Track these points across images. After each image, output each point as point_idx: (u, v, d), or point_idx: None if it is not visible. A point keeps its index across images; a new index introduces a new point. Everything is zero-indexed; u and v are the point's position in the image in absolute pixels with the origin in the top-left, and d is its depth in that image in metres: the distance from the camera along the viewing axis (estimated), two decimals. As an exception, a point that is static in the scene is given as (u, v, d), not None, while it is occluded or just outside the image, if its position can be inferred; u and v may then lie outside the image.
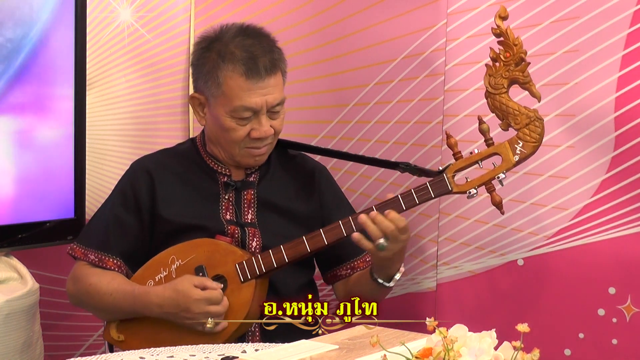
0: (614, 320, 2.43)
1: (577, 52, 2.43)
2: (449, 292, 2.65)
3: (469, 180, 2.21)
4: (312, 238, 2.24)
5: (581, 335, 2.48)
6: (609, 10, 2.38)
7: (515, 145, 2.18)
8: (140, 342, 2.21)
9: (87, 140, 2.72)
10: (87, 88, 2.73)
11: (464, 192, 2.21)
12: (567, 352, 2.50)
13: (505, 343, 1.32)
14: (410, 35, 2.65)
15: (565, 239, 2.49)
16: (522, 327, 1.28)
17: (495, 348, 1.32)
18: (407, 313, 2.65)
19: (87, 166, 2.74)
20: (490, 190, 2.22)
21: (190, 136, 2.94)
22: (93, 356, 1.76)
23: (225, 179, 2.35)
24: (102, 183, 2.85)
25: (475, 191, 2.21)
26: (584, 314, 2.47)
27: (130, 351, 1.87)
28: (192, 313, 2.18)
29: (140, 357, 1.80)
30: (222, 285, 2.22)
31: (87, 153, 2.73)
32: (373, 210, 2.19)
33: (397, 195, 2.21)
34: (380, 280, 2.27)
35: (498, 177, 2.19)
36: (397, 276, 2.28)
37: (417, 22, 2.63)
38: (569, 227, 2.48)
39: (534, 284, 2.54)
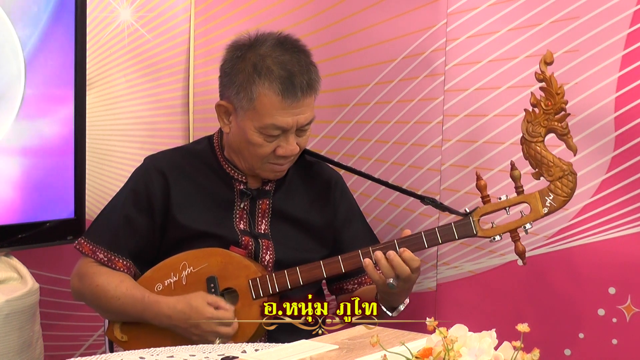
0: (614, 320, 2.43)
1: (577, 52, 2.43)
2: (449, 292, 2.65)
3: (494, 225, 2.19)
4: (329, 264, 2.21)
5: (581, 335, 2.48)
6: (609, 10, 2.38)
7: (546, 198, 2.15)
8: (143, 345, 2.20)
9: (87, 140, 2.72)
10: (87, 88, 2.73)
11: (488, 237, 2.19)
12: (567, 352, 2.50)
13: (505, 343, 1.31)
14: (410, 35, 2.65)
15: (565, 239, 2.49)
16: (522, 327, 1.28)
17: (495, 348, 1.32)
18: (407, 313, 2.65)
19: (87, 166, 2.74)
20: (515, 239, 2.19)
21: (190, 136, 2.94)
22: (93, 356, 1.76)
23: (242, 187, 2.31)
24: (102, 183, 2.85)
25: (499, 237, 2.19)
26: (584, 314, 2.47)
27: (130, 351, 1.87)
28: (201, 330, 2.17)
29: (140, 357, 1.80)
30: (234, 301, 2.21)
31: (87, 153, 2.73)
32: (394, 244, 2.17)
33: (421, 233, 2.18)
34: (383, 308, 2.24)
35: (524, 227, 2.17)
36: (401, 307, 2.25)
37: (417, 22, 2.63)
38: (569, 227, 2.48)
39: (534, 284, 2.54)
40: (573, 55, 2.43)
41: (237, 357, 1.68)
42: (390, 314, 2.25)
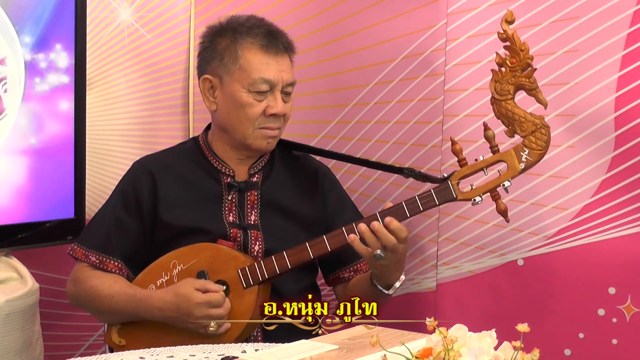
0: (614, 320, 2.43)
1: (577, 52, 2.43)
2: (449, 292, 2.65)
3: (474, 187, 2.19)
4: (315, 245, 2.22)
5: (581, 335, 2.48)
6: (609, 10, 2.38)
7: (521, 153, 2.16)
8: (142, 348, 2.20)
9: (87, 140, 2.72)
10: (87, 88, 2.73)
11: (469, 200, 2.19)
12: (567, 352, 2.50)
13: (505, 343, 1.31)
14: (410, 35, 2.65)
15: (565, 239, 2.49)
16: (522, 327, 1.28)
17: (495, 348, 1.32)
18: (407, 313, 2.65)
19: (87, 166, 2.74)
20: (496, 198, 2.19)
21: (190, 136, 2.94)
22: (93, 356, 1.76)
23: (229, 180, 2.34)
24: (102, 183, 2.85)
25: (480, 199, 2.19)
26: (584, 314, 2.47)
27: (130, 351, 1.87)
28: (193, 317, 2.17)
29: (140, 357, 1.80)
30: (225, 293, 2.21)
31: (87, 153, 2.73)
32: (376, 216, 2.18)
33: (402, 203, 2.19)
34: (379, 287, 2.25)
35: (503, 185, 2.18)
36: (397, 284, 2.26)
37: (417, 22, 2.63)
38: (569, 227, 2.48)
39: (534, 284, 2.54)
40: (573, 55, 2.43)
41: (237, 357, 1.68)
42: (386, 292, 2.25)
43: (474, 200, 2.19)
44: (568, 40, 2.43)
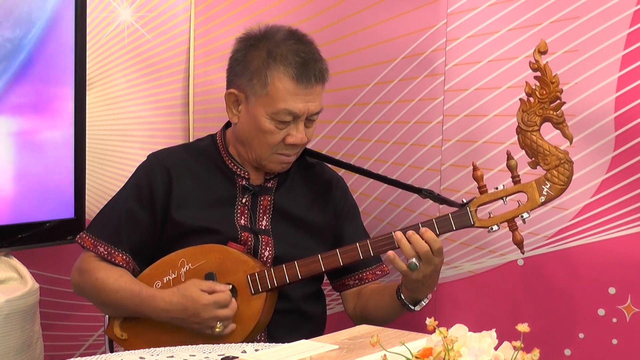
0: (614, 320, 2.43)
1: (577, 52, 2.43)
2: (449, 292, 2.65)
3: (492, 216, 2.18)
4: (328, 258, 2.21)
5: (581, 335, 2.48)
6: (609, 10, 2.38)
7: (543, 186, 2.15)
8: (143, 343, 2.20)
9: (87, 140, 2.72)
10: (87, 88, 2.73)
11: (486, 227, 2.19)
12: (567, 352, 2.50)
13: (505, 343, 1.31)
14: (410, 35, 2.65)
15: (565, 239, 2.49)
16: (522, 327, 1.28)
17: (495, 348, 1.32)
18: (407, 313, 2.65)
19: (87, 166, 2.74)
20: (513, 228, 2.19)
21: (190, 136, 2.94)
22: (93, 356, 1.76)
23: (244, 182, 2.32)
24: (102, 183, 2.85)
25: (497, 227, 2.18)
26: (584, 314, 2.47)
27: (130, 351, 1.87)
28: (201, 318, 2.17)
29: (140, 357, 1.80)
30: (231, 287, 2.20)
31: (87, 153, 2.73)
32: (391, 234, 2.17)
33: (418, 224, 2.18)
34: (406, 302, 2.23)
35: (522, 216, 2.17)
36: (425, 301, 2.24)
37: (417, 22, 2.63)
38: (569, 227, 2.48)
39: (534, 284, 2.54)
40: (573, 55, 2.43)
41: (237, 357, 1.68)
42: (413, 308, 2.24)
43: (491, 228, 2.19)
44: (568, 40, 2.44)
